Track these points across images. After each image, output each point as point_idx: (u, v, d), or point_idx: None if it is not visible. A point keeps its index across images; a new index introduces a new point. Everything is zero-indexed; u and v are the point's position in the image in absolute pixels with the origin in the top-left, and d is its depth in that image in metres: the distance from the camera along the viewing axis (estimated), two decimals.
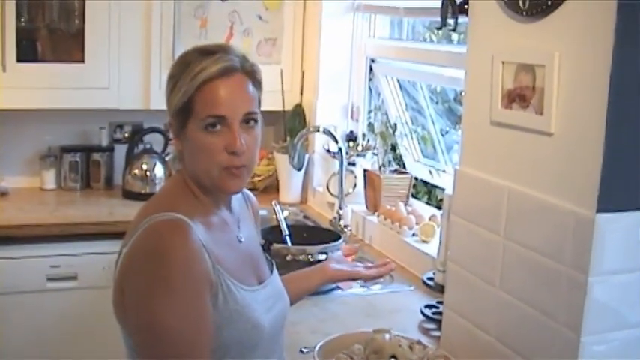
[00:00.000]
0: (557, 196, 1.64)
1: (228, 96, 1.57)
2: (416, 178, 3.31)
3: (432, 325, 2.28)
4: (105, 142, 3.76)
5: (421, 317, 2.31)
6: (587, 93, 1.56)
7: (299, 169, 3.51)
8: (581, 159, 1.58)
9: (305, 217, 3.52)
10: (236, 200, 1.77)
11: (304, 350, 2.07)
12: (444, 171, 3.23)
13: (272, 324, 1.68)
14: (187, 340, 1.48)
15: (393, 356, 1.81)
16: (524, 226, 1.75)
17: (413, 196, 3.31)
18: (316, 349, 1.87)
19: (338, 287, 2.60)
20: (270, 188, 3.77)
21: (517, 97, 1.76)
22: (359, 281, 2.75)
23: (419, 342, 1.91)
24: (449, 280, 2.06)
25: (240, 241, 1.72)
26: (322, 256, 2.49)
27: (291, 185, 3.64)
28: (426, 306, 2.33)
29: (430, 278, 2.38)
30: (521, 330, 1.75)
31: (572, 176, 1.61)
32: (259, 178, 3.73)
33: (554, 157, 1.66)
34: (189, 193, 1.64)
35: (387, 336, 1.84)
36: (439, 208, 3.91)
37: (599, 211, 1.54)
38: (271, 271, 1.81)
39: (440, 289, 2.28)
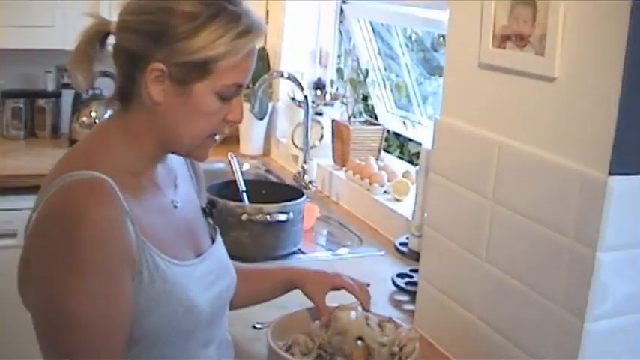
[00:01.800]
0: (560, 154, 1.37)
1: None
2: (388, 131, 3.04)
3: (404, 297, 2.02)
4: (51, 87, 3.45)
5: (392, 287, 2.04)
6: (601, 29, 1.28)
7: (261, 119, 3.23)
8: (591, 109, 1.30)
9: (267, 171, 3.23)
10: (175, 157, 1.48)
11: (258, 326, 1.80)
12: (419, 123, 2.96)
13: (212, 305, 1.40)
14: (99, 331, 1.20)
15: (360, 338, 1.55)
16: (517, 188, 1.48)
17: (384, 150, 3.04)
18: (269, 330, 1.60)
19: (300, 251, 2.33)
20: (229, 139, 3.46)
21: (512, 35, 1.47)
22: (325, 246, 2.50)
23: (390, 319, 1.65)
24: (425, 247, 1.80)
25: (176, 207, 1.43)
26: (282, 216, 2.21)
27: (252, 136, 3.35)
28: (398, 275, 2.07)
29: (403, 244, 2.11)
30: (511, 311, 1.50)
31: (578, 130, 1.33)
32: None
33: (557, 107, 1.38)
34: (118, 146, 1.33)
35: (353, 314, 1.57)
36: (412, 162, 3.66)
37: (612, 172, 1.27)
38: (213, 241, 1.52)
39: (414, 256, 2.02)
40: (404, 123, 3.00)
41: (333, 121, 2.99)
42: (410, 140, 3.43)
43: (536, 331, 1.42)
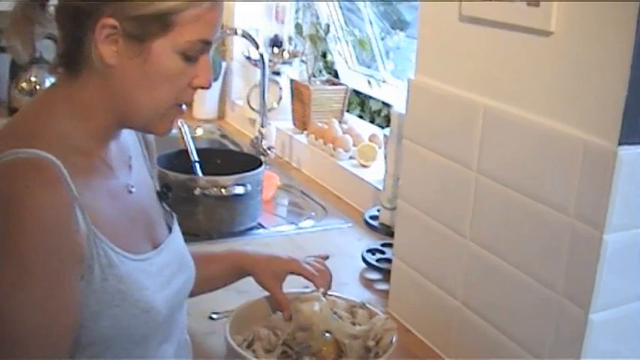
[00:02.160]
0: (557, 119, 1.19)
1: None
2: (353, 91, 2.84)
3: (376, 276, 1.84)
4: None
5: (362, 264, 1.86)
6: None
7: (214, 80, 2.99)
8: (596, 68, 1.12)
9: (222, 135, 3.02)
10: (127, 133, 1.27)
11: (214, 316, 1.60)
12: (384, 81, 2.75)
13: (170, 304, 1.21)
14: (40, 338, 1.01)
15: (328, 332, 1.36)
16: (506, 158, 1.29)
17: (347, 109, 2.84)
18: (228, 324, 1.41)
19: (259, 225, 2.13)
20: None
21: None
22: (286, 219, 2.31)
23: (362, 305, 1.47)
24: (400, 224, 1.61)
25: (131, 192, 1.22)
26: (239, 189, 2.01)
27: (205, 98, 3.12)
28: (369, 250, 1.88)
29: (373, 217, 1.93)
30: (501, 298, 1.32)
31: (581, 92, 1.15)
32: None
33: (554, 66, 1.19)
34: (65, 119, 1.12)
35: (317, 306, 1.38)
36: (373, 121, 3.47)
37: (622, 142, 1.09)
38: (170, 229, 1.32)
39: (386, 230, 1.84)
40: (368, 82, 2.80)
41: (291, 80, 2.78)
42: (370, 97, 3.23)
43: (532, 321, 1.25)
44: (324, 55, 3.04)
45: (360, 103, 4.52)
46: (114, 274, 1.10)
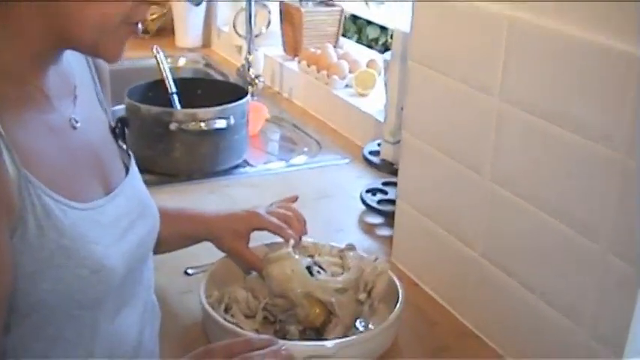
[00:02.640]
0: (600, 31, 0.95)
1: None
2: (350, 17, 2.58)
3: (377, 219, 1.62)
4: None
5: (362, 207, 1.63)
6: None
7: (197, 4, 2.75)
8: None
9: (207, 65, 2.77)
10: (74, 59, 1.03)
11: (190, 272, 1.39)
12: (382, 2, 2.49)
13: (128, 259, 1.00)
14: None
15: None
16: (535, 81, 1.06)
17: (342, 36, 2.58)
18: (203, 284, 1.20)
19: (246, 163, 1.90)
20: (164, 31, 2.98)
21: None
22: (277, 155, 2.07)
23: (349, 247, 1.26)
24: (404, 160, 1.38)
25: (75, 127, 1.00)
26: (220, 123, 1.77)
27: (188, 25, 2.87)
28: (368, 191, 1.66)
29: (374, 152, 1.70)
30: (529, 249, 1.10)
31: None
32: (150, 18, 2.93)
33: None
34: None
35: (287, 267, 1.15)
36: (370, 47, 3.21)
37: None
38: (127, 171, 1.10)
39: (388, 168, 1.61)
40: (366, 3, 2.53)
41: (281, 2, 2.51)
42: (369, 23, 2.97)
43: (568, 278, 1.03)
44: None
45: (356, 30, 4.26)
46: (53, 226, 0.89)
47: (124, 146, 1.12)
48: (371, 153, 1.68)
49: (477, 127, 1.16)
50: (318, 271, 1.19)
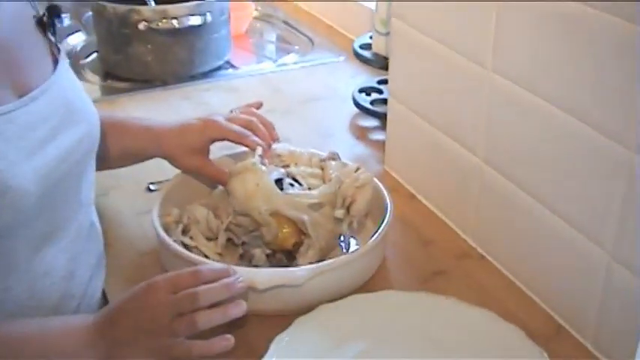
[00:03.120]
0: None
1: None
2: None
3: (371, 122, 1.43)
4: None
5: (354, 109, 1.44)
6: None
7: None
8: None
9: None
10: None
11: (153, 187, 1.21)
12: None
13: (46, 178, 0.84)
14: None
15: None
16: None
17: None
18: (156, 205, 1.03)
19: (229, 64, 1.70)
20: None
21: None
22: (265, 55, 1.86)
23: (332, 155, 1.07)
24: (395, 52, 1.17)
25: None
26: (196, 20, 1.57)
27: None
28: (362, 90, 1.45)
29: (365, 46, 1.48)
30: (540, 153, 0.90)
31: None
32: None
33: None
34: None
35: (250, 180, 0.96)
36: None
37: None
38: (55, 69, 0.91)
39: (381, 63, 1.40)
40: None
41: None
42: None
43: (588, 189, 0.83)
44: None
45: None
46: None
47: (53, 39, 0.93)
48: (362, 47, 1.47)
49: (475, 10, 0.95)
50: (292, 184, 1.00)
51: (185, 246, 0.98)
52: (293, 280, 0.89)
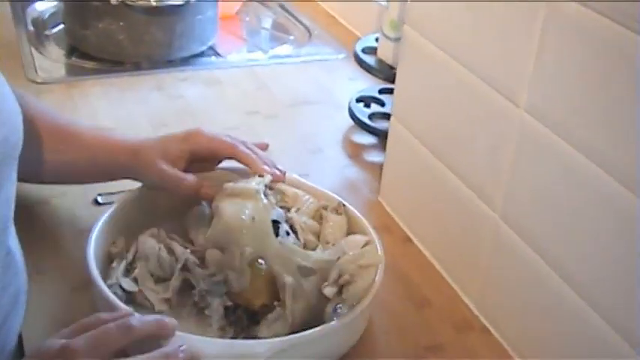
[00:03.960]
0: None
1: None
2: None
3: (368, 139, 1.23)
4: None
5: (350, 121, 1.24)
6: None
7: None
8: None
9: None
10: None
11: (101, 200, 1.01)
12: None
13: None
14: None
15: (261, 258, 0.78)
16: None
17: None
18: (93, 235, 0.83)
19: (213, 51, 1.50)
20: None
21: None
22: (255, 44, 1.65)
23: (339, 206, 0.89)
24: (404, 64, 0.98)
25: None
26: None
27: None
28: (360, 100, 1.26)
29: (369, 50, 1.28)
30: (567, 213, 0.71)
31: None
32: None
33: None
34: None
35: (248, 209, 0.79)
36: None
37: None
38: None
39: (386, 72, 1.21)
40: None
41: None
42: None
43: (613, 266, 0.65)
44: None
45: None
46: None
47: None
48: (365, 51, 1.27)
49: (518, 33, 0.76)
50: (288, 233, 0.82)
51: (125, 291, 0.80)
52: (250, 356, 0.71)
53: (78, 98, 1.27)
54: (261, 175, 0.86)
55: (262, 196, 0.81)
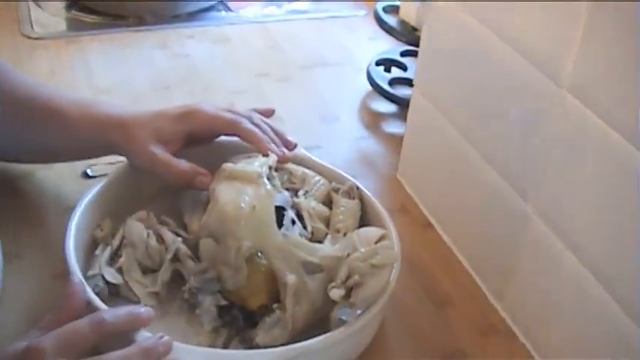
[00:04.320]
0: None
1: None
2: None
3: (388, 107, 1.13)
4: None
5: (368, 86, 1.14)
6: None
7: None
8: None
9: None
10: None
11: (90, 173, 0.92)
12: None
13: None
14: None
15: (261, 252, 0.69)
16: None
17: None
18: (73, 221, 0.74)
19: (223, 5, 1.40)
20: None
21: None
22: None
23: (352, 189, 0.80)
24: (430, 27, 0.87)
25: None
26: None
27: None
28: (380, 63, 1.15)
29: (390, 9, 1.17)
30: (610, 212, 0.61)
31: None
32: None
33: None
34: None
35: (247, 195, 0.70)
36: None
37: None
38: None
39: (409, 35, 1.10)
40: None
41: None
42: None
43: None
44: None
45: None
46: None
47: None
48: (387, 10, 1.15)
49: (563, 3, 0.65)
50: (294, 221, 0.73)
51: (109, 282, 0.71)
52: None
53: (75, 56, 1.18)
54: (265, 155, 0.76)
55: (265, 180, 0.71)
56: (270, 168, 0.74)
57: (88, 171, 0.92)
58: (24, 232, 0.82)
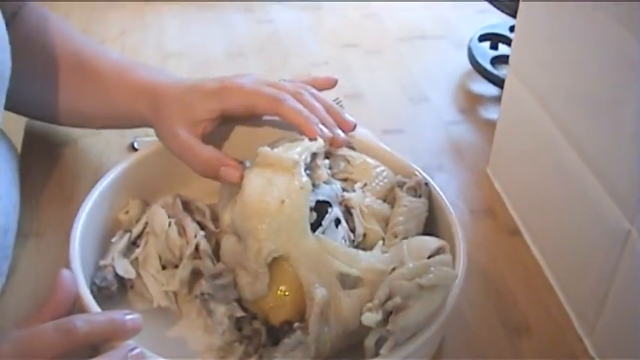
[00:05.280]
0: None
1: None
2: None
3: (489, 90, 0.98)
4: None
5: (467, 64, 0.99)
6: None
7: None
8: None
9: None
10: None
11: (137, 146, 0.83)
12: None
13: None
14: None
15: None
16: None
17: None
18: (98, 186, 0.65)
19: None
20: None
21: None
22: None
23: (420, 184, 0.66)
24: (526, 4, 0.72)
25: None
26: None
27: None
28: (484, 38, 1.01)
29: None
30: None
31: None
32: None
33: None
34: None
35: (278, 188, 0.58)
36: None
37: None
38: None
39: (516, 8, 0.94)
40: None
41: None
42: None
43: None
44: None
45: None
46: None
47: None
48: None
49: None
50: (339, 221, 0.61)
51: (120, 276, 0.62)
52: None
53: (148, 16, 1.09)
54: (313, 139, 0.64)
55: (302, 170, 0.59)
56: (314, 155, 0.62)
57: (135, 143, 0.82)
58: (50, 207, 0.74)
